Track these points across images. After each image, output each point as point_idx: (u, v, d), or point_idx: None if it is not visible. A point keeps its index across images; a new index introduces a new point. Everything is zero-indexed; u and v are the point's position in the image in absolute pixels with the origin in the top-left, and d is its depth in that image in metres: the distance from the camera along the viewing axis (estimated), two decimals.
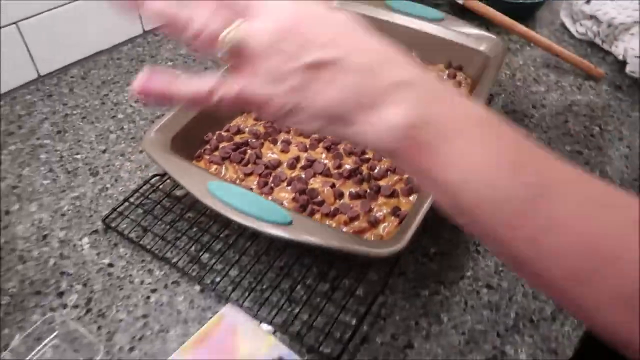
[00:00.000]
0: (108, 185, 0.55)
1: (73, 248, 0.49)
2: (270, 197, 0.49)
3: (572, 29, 0.80)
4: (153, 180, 0.54)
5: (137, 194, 0.53)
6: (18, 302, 0.45)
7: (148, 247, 0.48)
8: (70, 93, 0.65)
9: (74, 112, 0.63)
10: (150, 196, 0.53)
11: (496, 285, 0.48)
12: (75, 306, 0.45)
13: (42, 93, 0.65)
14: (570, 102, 0.69)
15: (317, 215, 0.48)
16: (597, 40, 0.77)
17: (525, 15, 0.83)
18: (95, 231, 0.50)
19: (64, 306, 0.45)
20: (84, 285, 0.46)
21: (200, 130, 0.54)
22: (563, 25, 0.82)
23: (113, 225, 0.50)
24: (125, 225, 0.50)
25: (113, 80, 0.68)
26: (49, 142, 0.59)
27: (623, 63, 0.72)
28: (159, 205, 0.52)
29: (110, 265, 0.48)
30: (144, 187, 0.53)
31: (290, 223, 0.41)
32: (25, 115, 0.62)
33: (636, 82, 0.72)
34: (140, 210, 0.51)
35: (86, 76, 0.68)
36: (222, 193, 0.43)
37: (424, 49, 0.67)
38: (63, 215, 0.52)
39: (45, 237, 0.50)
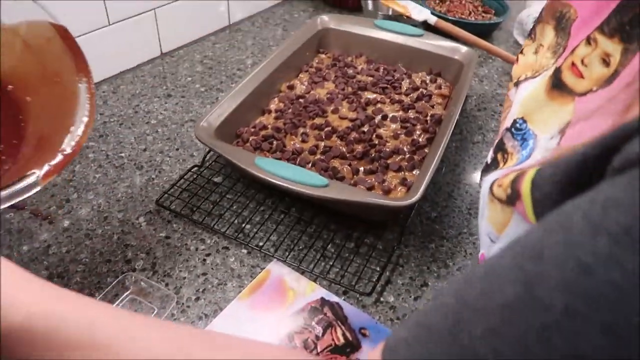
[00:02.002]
0: (153, 176, 0.63)
1: (132, 226, 0.56)
2: None
3: None
4: (193, 169, 0.63)
5: (181, 180, 0.61)
6: (92, 268, 0.52)
7: (198, 220, 0.57)
8: (105, 105, 0.74)
9: (111, 119, 0.71)
10: (193, 182, 0.61)
11: None
12: (143, 269, 0.52)
13: None
14: None
15: (344, 184, 0.58)
16: None
17: (484, 34, 0.99)
18: (150, 212, 0.58)
19: (133, 270, 0.52)
20: (147, 253, 0.54)
21: (232, 127, 0.64)
22: (516, 42, 0.98)
23: (165, 204, 0.58)
24: (174, 206, 0.58)
25: (141, 93, 0.76)
26: (94, 144, 0.67)
27: None
28: (201, 190, 0.61)
29: (167, 237, 0.56)
30: (187, 176, 0.62)
31: (326, 185, 0.51)
32: None
33: None
34: (186, 194, 0.60)
35: (116, 91, 0.77)
36: (267, 166, 0.52)
37: (409, 59, 0.80)
38: (118, 200, 0.59)
39: (105, 218, 0.57)
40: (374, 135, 0.66)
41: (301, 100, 0.71)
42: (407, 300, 0.51)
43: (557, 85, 0.33)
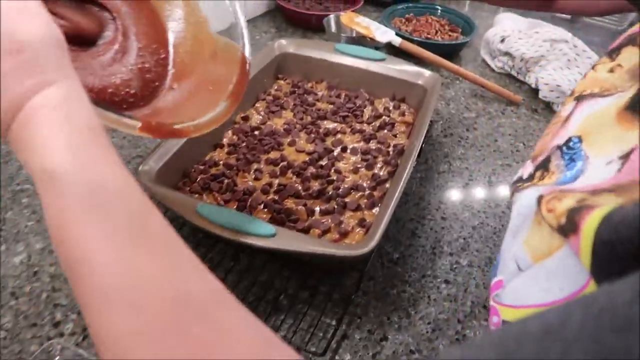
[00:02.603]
0: None
1: (64, 281, 0.51)
2: None
3: (492, 64, 0.94)
4: None
5: None
6: (15, 335, 0.46)
7: None
8: None
9: None
10: None
11: (452, 280, 0.55)
12: (72, 333, 0.47)
13: None
14: (497, 124, 0.80)
15: (293, 232, 0.54)
16: (513, 73, 0.91)
17: (451, 54, 0.96)
18: None
19: (61, 335, 0.47)
20: (78, 313, 0.49)
21: (179, 165, 0.59)
22: (484, 61, 0.96)
23: None
24: None
25: None
26: (30, 187, 0.61)
27: (536, 90, 0.85)
28: None
29: None
30: None
31: (274, 235, 0.47)
32: (2, 163, 0.64)
33: (548, 105, 0.85)
34: None
35: None
36: (210, 214, 0.48)
37: (371, 85, 0.77)
38: (51, 252, 0.54)
39: (35, 273, 0.52)
40: (332, 170, 0.62)
41: (256, 132, 0.67)
42: (364, 358, 0.47)
43: (633, 107, 0.31)
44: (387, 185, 0.60)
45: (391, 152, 0.65)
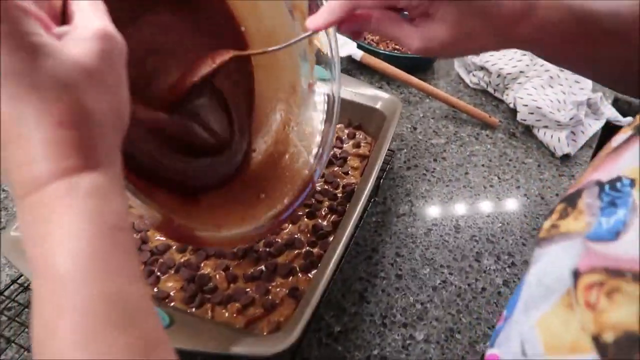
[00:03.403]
0: None
1: None
2: (155, 289, 0.45)
3: (467, 79, 0.84)
4: (22, 278, 0.48)
5: (1, 297, 0.46)
6: None
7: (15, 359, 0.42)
8: None
9: None
10: (17, 298, 0.46)
11: None
12: None
13: None
14: (469, 152, 0.70)
15: (208, 306, 0.44)
16: (490, 89, 0.81)
17: (423, 67, 0.86)
18: None
19: None
20: None
21: None
22: (458, 75, 0.86)
23: None
24: None
25: None
26: None
27: (515, 110, 0.76)
28: (27, 309, 0.45)
29: None
30: (11, 288, 0.47)
31: (169, 325, 0.37)
32: None
33: (528, 128, 0.75)
34: (3, 317, 0.45)
35: None
36: None
37: None
38: None
39: None
40: None
41: None
42: None
43: None
44: (330, 239, 0.50)
45: (339, 195, 0.55)
